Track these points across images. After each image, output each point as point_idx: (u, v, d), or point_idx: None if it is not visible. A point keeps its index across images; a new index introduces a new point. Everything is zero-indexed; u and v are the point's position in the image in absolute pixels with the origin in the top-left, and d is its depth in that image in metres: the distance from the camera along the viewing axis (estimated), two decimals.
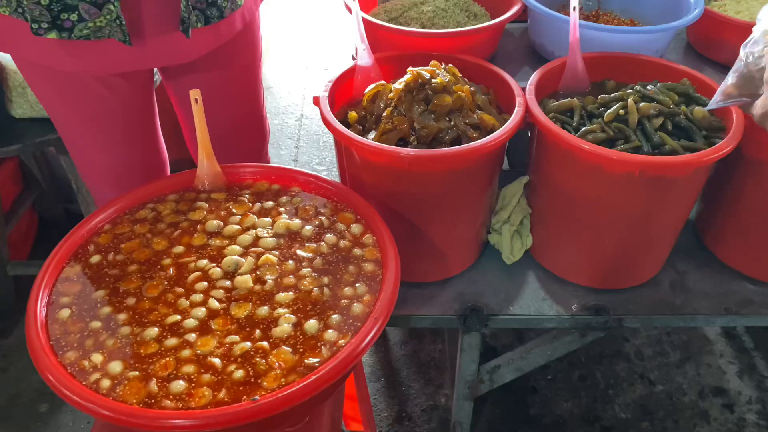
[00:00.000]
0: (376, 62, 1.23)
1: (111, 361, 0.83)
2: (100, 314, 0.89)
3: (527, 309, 1.21)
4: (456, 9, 1.41)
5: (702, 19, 1.33)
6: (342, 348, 0.83)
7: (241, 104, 1.34)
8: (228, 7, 1.13)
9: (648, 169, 1.01)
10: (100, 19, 1.00)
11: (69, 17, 1.00)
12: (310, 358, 0.82)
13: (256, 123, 1.41)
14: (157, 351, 0.84)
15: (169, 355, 0.83)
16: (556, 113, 1.12)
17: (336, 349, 0.83)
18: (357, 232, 1.02)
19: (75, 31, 1.01)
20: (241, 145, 1.40)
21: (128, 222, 1.04)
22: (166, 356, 0.83)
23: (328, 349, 0.83)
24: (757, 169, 1.13)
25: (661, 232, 1.16)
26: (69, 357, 0.83)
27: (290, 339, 0.85)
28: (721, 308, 1.21)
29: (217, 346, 0.84)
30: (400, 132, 1.07)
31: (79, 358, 0.83)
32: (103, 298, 0.92)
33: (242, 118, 1.36)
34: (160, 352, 0.84)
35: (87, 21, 1.00)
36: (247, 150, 1.42)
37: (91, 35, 1.02)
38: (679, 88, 1.14)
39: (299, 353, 0.83)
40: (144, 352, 0.84)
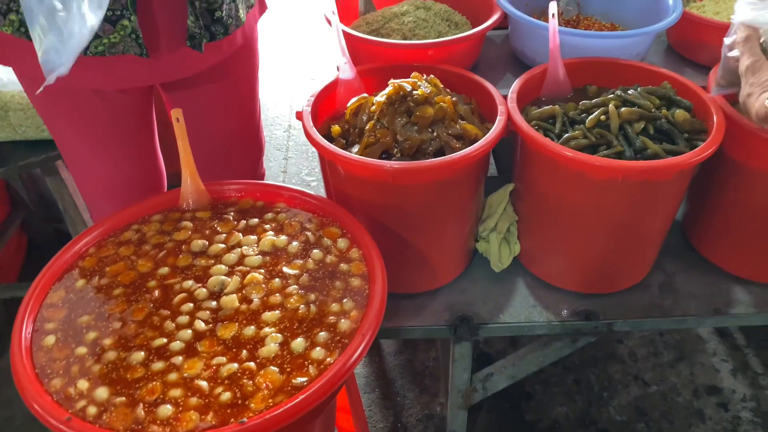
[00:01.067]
0: (359, 75, 1.23)
1: (97, 387, 0.82)
2: (86, 340, 0.88)
3: (517, 317, 1.21)
4: (437, 19, 1.41)
5: (681, 22, 1.33)
6: (330, 366, 0.82)
7: (239, 117, 1.35)
8: (233, 24, 1.14)
9: (631, 175, 1.01)
10: (114, 35, 1.01)
11: None
12: (298, 378, 0.82)
13: (253, 135, 1.41)
14: (143, 375, 0.83)
15: (156, 379, 0.83)
16: (539, 120, 1.12)
17: (324, 368, 0.83)
18: (343, 247, 1.01)
19: (90, 48, 1.02)
20: (239, 157, 1.41)
21: (113, 244, 1.04)
22: (152, 380, 0.82)
23: (316, 368, 0.83)
24: (739, 169, 1.14)
25: (648, 236, 1.17)
26: (55, 384, 0.83)
27: (277, 358, 0.84)
28: (710, 309, 1.21)
29: (204, 369, 0.84)
30: (383, 145, 1.07)
31: (65, 386, 0.82)
32: (88, 323, 0.91)
33: (240, 131, 1.37)
34: (146, 376, 0.83)
35: (102, 37, 1.01)
36: (244, 162, 1.43)
37: (106, 51, 1.03)
38: (660, 92, 1.14)
39: (286, 373, 0.82)
40: (130, 377, 0.83)
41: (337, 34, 1.21)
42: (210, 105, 1.28)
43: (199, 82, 1.23)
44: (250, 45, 1.28)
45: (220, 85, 1.26)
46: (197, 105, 1.28)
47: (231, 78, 1.26)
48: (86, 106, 1.16)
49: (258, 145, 1.44)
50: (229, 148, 1.36)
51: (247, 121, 1.37)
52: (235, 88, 1.30)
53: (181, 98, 1.26)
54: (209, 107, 1.29)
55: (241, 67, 1.28)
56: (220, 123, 1.31)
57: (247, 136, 1.39)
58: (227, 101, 1.30)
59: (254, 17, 1.25)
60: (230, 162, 1.38)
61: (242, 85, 1.31)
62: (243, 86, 1.31)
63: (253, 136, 1.41)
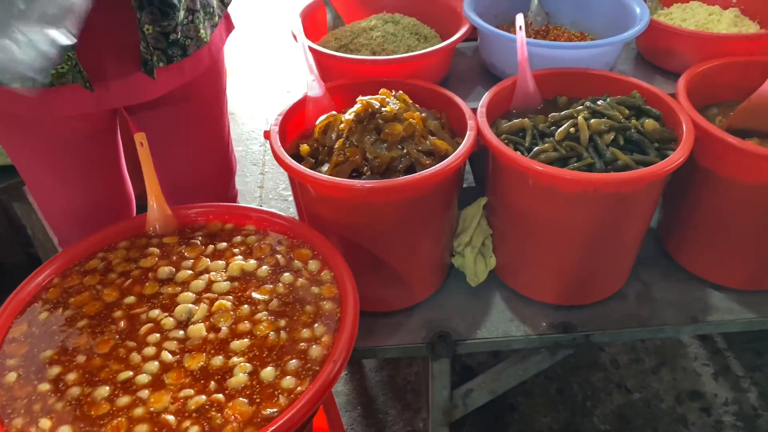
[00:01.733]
0: (327, 91, 1.21)
1: (60, 425, 0.79)
2: (49, 375, 0.86)
3: (495, 332, 1.19)
4: (406, 33, 1.40)
5: (649, 30, 1.34)
6: (301, 395, 0.80)
7: (207, 138, 1.33)
8: (192, 45, 1.12)
9: (602, 187, 1.01)
10: (62, 66, 0.99)
11: None
12: (268, 409, 0.80)
13: (222, 156, 1.39)
14: (108, 411, 0.81)
15: (122, 414, 0.80)
16: (508, 134, 1.12)
17: (294, 397, 0.81)
18: (314, 269, 1.00)
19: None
20: (209, 179, 1.38)
21: (78, 274, 1.01)
22: (118, 416, 0.80)
23: (286, 398, 0.81)
24: (711, 177, 1.14)
25: (622, 246, 1.16)
26: (16, 424, 0.80)
27: (246, 389, 0.82)
28: (687, 317, 1.21)
29: (171, 402, 0.81)
30: (352, 163, 1.06)
31: (27, 425, 0.80)
32: (51, 357, 0.88)
33: (208, 152, 1.34)
34: (111, 412, 0.81)
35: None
36: (214, 184, 1.40)
37: (55, 82, 1.01)
38: (629, 102, 1.14)
39: (256, 404, 0.80)
40: (95, 414, 0.80)
41: (304, 51, 1.19)
42: (176, 127, 1.25)
43: (162, 104, 1.20)
44: (216, 66, 1.26)
45: (185, 107, 1.23)
46: (162, 127, 1.25)
47: (196, 99, 1.24)
48: (45, 132, 1.13)
49: (228, 166, 1.41)
50: (198, 170, 1.33)
51: (216, 142, 1.35)
52: (201, 110, 1.27)
53: (145, 120, 1.24)
54: (175, 129, 1.27)
55: (207, 88, 1.25)
56: (187, 145, 1.29)
57: (216, 157, 1.36)
58: (193, 123, 1.28)
59: (220, 37, 1.23)
60: (200, 184, 1.35)
61: (208, 106, 1.29)
62: (209, 107, 1.29)
63: (222, 157, 1.38)
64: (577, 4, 1.50)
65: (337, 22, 1.49)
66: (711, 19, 1.47)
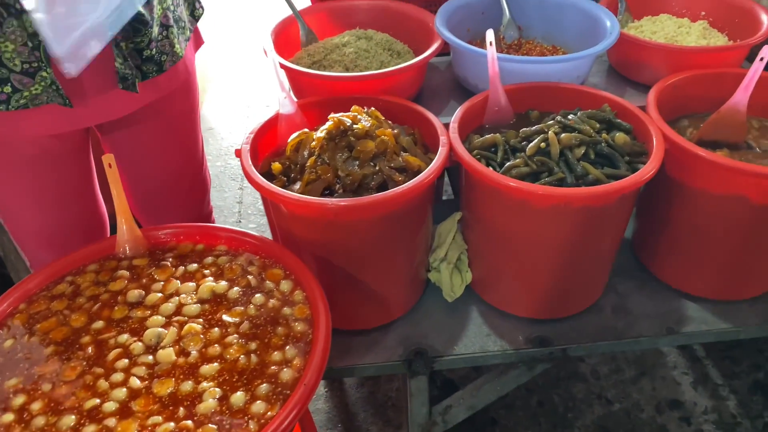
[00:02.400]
0: (300, 108, 1.21)
1: None
2: (13, 405, 0.83)
3: (472, 347, 1.19)
4: (378, 49, 1.40)
5: (620, 43, 1.35)
6: (271, 420, 0.79)
7: (180, 155, 1.31)
8: (168, 60, 1.12)
9: (573, 201, 1.01)
10: (35, 86, 0.99)
11: (3, 90, 0.98)
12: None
13: (195, 173, 1.38)
14: None
15: None
16: (480, 150, 1.12)
17: (264, 422, 0.79)
18: (286, 290, 0.98)
19: (12, 102, 1.00)
20: (182, 197, 1.37)
21: (45, 299, 0.99)
22: None
23: (257, 423, 0.79)
24: (682, 189, 1.15)
25: (596, 259, 1.16)
26: None
27: (216, 414, 0.81)
28: (663, 329, 1.21)
29: (139, 430, 0.79)
30: (324, 181, 1.05)
31: None
32: (16, 386, 0.86)
33: (181, 170, 1.33)
34: None
35: (22, 91, 0.99)
36: (188, 202, 1.39)
37: (29, 104, 1.01)
38: (600, 115, 1.15)
39: (225, 430, 0.79)
40: None
41: (275, 68, 1.19)
42: (148, 144, 1.24)
43: (136, 121, 1.19)
44: (189, 80, 1.25)
45: (158, 123, 1.22)
46: (135, 144, 1.24)
47: (169, 115, 1.23)
48: (14, 152, 1.12)
49: (202, 184, 1.40)
50: (171, 188, 1.32)
51: (189, 159, 1.34)
52: (174, 125, 1.26)
53: (119, 139, 1.22)
54: (148, 146, 1.25)
55: (179, 104, 1.25)
56: (159, 162, 1.28)
57: (189, 174, 1.35)
58: (167, 139, 1.27)
59: (191, 51, 1.23)
60: (173, 202, 1.34)
61: (181, 121, 1.28)
62: (181, 123, 1.28)
63: (195, 174, 1.37)
64: (549, 18, 1.51)
65: (310, 38, 1.48)
66: (680, 32, 1.49)
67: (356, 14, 1.54)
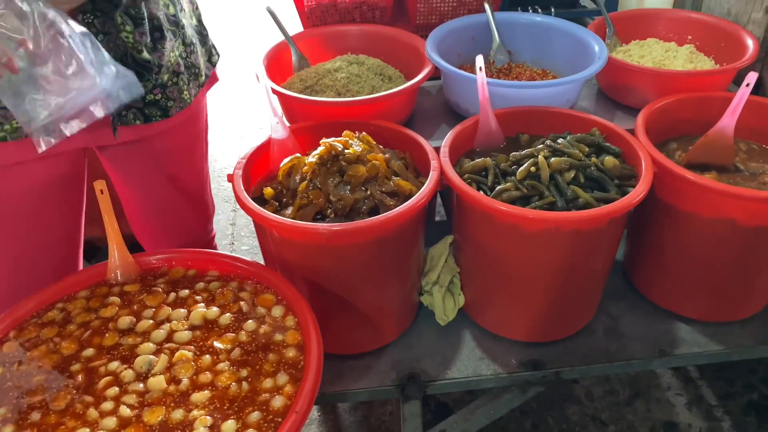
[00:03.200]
0: (292, 133, 1.22)
1: None
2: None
3: (465, 371, 1.19)
4: (370, 73, 1.41)
5: (609, 67, 1.37)
6: None
7: (185, 177, 1.30)
8: (175, 106, 1.11)
9: (563, 225, 1.02)
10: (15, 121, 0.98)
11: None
12: None
13: (200, 197, 1.36)
14: None
15: None
16: (471, 173, 1.13)
17: None
18: (278, 315, 0.98)
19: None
20: (185, 220, 1.35)
21: (35, 326, 0.98)
22: None
23: None
24: (671, 212, 1.16)
25: (587, 282, 1.17)
26: None
27: None
28: (655, 351, 1.21)
29: None
30: (316, 206, 1.06)
31: None
32: (4, 416, 0.85)
33: (186, 192, 1.32)
34: None
35: (3, 124, 0.99)
36: (191, 224, 1.37)
37: (8, 137, 1.00)
38: (589, 139, 1.16)
39: None
40: None
41: (267, 93, 1.19)
42: (151, 166, 1.22)
43: (139, 144, 1.17)
44: (197, 113, 1.24)
45: (162, 146, 1.20)
46: (136, 166, 1.21)
47: (173, 139, 1.21)
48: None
49: (205, 208, 1.39)
50: (174, 212, 1.31)
51: (193, 183, 1.32)
52: (178, 149, 1.24)
53: (119, 157, 1.19)
54: (150, 168, 1.22)
55: (187, 129, 1.23)
56: (162, 185, 1.25)
57: (193, 198, 1.33)
58: (169, 162, 1.24)
59: (202, 93, 1.22)
60: (176, 226, 1.33)
61: (186, 145, 1.26)
62: (187, 147, 1.26)
63: (199, 198, 1.36)
64: (538, 42, 1.53)
65: (302, 63, 1.50)
66: (668, 56, 1.51)
67: (348, 39, 1.56)
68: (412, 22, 1.66)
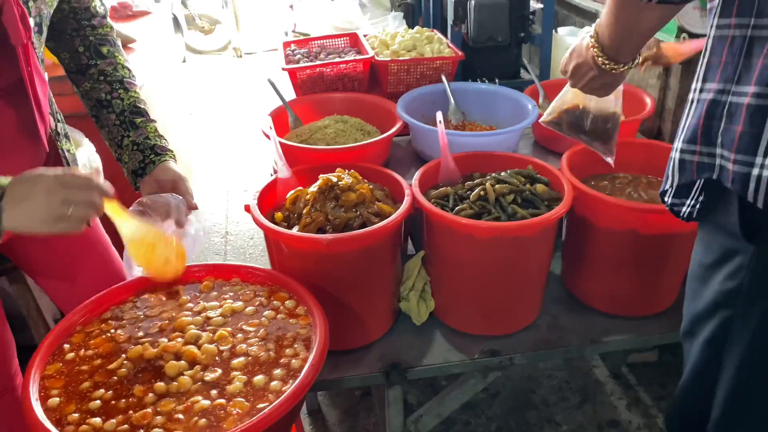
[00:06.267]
0: (296, 174, 1.53)
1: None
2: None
3: (437, 360, 1.46)
4: (353, 129, 1.76)
5: (536, 123, 1.74)
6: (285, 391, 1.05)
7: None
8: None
9: (506, 233, 1.34)
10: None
11: None
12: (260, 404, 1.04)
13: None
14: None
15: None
16: (436, 199, 1.46)
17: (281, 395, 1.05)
18: (291, 306, 1.26)
19: None
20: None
21: (97, 322, 1.24)
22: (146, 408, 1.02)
23: (275, 395, 1.05)
24: (590, 227, 1.50)
25: (529, 281, 1.48)
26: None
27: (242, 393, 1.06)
28: (587, 340, 1.52)
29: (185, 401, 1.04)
30: (317, 224, 1.36)
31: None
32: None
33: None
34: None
35: None
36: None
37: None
38: (525, 172, 1.51)
39: (251, 401, 1.04)
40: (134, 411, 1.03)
41: (275, 144, 1.52)
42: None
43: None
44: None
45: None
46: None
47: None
48: None
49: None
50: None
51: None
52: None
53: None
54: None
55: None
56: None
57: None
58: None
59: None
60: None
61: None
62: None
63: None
64: (485, 104, 1.92)
65: (296, 123, 1.84)
66: None
67: (334, 104, 1.92)
68: (384, 90, 2.04)
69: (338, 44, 2.33)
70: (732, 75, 0.86)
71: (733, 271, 0.96)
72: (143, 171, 1.27)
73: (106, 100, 1.27)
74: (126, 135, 1.27)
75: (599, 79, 1.22)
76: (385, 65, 2.01)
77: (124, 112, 1.27)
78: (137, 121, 1.27)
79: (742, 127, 0.84)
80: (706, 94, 0.90)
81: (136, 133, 1.27)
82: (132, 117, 1.27)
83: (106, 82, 1.27)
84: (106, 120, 1.28)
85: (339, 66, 1.98)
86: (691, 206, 0.99)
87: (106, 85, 1.26)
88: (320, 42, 2.33)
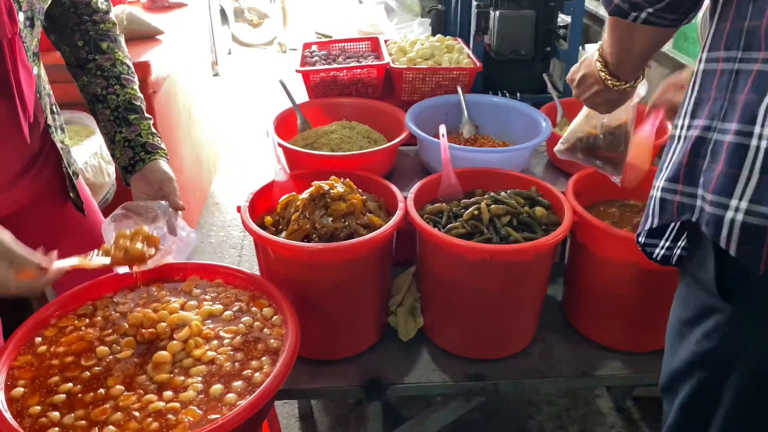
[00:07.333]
0: (294, 178, 1.52)
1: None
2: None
3: (419, 378, 1.43)
4: (359, 136, 1.74)
5: (552, 140, 1.68)
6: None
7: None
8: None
9: (496, 256, 1.30)
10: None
11: None
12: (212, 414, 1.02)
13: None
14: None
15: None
16: (430, 215, 1.42)
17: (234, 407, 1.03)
18: (269, 314, 1.24)
19: None
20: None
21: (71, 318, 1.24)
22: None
23: (228, 408, 1.03)
24: (592, 257, 1.43)
25: (521, 308, 1.43)
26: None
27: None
28: (579, 372, 1.46)
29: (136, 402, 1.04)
30: (304, 231, 1.34)
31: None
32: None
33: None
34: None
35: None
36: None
37: None
38: (525, 193, 1.46)
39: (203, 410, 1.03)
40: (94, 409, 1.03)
41: (273, 146, 1.51)
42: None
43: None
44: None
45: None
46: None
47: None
48: None
49: None
50: None
51: None
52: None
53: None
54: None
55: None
56: None
57: None
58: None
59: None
60: None
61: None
62: None
63: None
64: (499, 118, 1.86)
65: (305, 126, 1.83)
66: None
67: (344, 109, 1.90)
68: (398, 98, 2.00)
69: (359, 48, 2.31)
70: (719, 111, 0.81)
71: (709, 330, 0.89)
72: (133, 168, 1.27)
73: (101, 95, 1.27)
74: (119, 131, 1.27)
75: (603, 94, 1.19)
76: (400, 72, 1.98)
77: (118, 108, 1.27)
78: (131, 117, 1.28)
79: (721, 166, 0.78)
80: (693, 130, 0.85)
81: (128, 129, 1.27)
82: (126, 114, 1.27)
83: (103, 78, 1.27)
84: (101, 115, 1.29)
85: (353, 71, 1.96)
86: (666, 248, 0.93)
87: (102, 80, 1.27)
88: (341, 45, 2.31)
